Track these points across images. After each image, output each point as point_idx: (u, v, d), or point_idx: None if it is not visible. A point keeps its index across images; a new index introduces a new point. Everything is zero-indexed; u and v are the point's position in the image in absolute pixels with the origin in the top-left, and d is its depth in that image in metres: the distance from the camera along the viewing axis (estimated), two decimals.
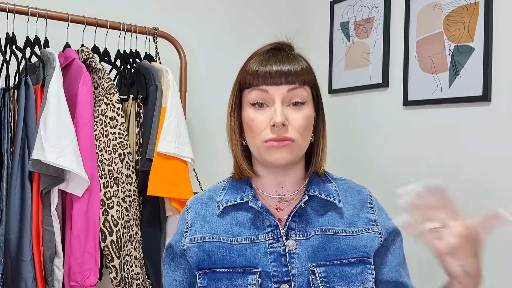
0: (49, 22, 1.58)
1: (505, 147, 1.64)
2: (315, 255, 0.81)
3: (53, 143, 1.35)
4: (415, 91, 1.93)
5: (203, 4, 2.21)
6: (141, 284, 1.59)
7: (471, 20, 1.73)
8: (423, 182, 0.75)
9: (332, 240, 0.82)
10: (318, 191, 0.86)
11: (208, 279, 0.81)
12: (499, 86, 1.65)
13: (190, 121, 2.08)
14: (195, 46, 2.15)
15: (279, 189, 0.87)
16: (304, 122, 0.81)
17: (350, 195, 0.89)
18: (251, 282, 0.79)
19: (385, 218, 0.90)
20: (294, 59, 0.85)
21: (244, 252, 0.81)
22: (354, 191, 0.90)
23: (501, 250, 1.64)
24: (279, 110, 0.79)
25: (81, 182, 1.43)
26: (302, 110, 0.82)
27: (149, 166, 1.58)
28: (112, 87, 1.54)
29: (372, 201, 0.90)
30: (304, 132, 0.82)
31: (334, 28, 2.36)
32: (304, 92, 0.82)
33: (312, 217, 0.84)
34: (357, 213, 0.87)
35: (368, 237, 0.84)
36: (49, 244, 1.43)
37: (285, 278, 0.79)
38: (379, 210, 0.90)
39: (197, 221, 0.88)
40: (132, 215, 1.58)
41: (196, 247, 0.84)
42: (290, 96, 0.81)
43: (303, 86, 0.82)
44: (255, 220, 0.84)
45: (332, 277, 0.79)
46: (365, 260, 0.82)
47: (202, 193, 0.95)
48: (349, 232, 0.84)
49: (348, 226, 0.84)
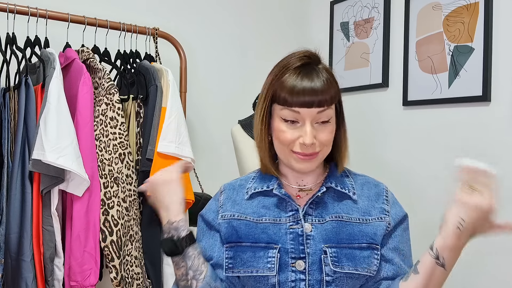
0: (49, 22, 1.58)
1: (505, 147, 1.64)
2: (328, 238, 0.92)
3: (53, 143, 1.35)
4: (415, 91, 1.93)
5: (203, 4, 2.21)
6: (141, 284, 1.59)
7: (471, 20, 1.73)
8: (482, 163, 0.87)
9: (346, 226, 0.93)
10: (334, 183, 0.97)
11: (234, 251, 0.94)
12: (499, 86, 1.65)
13: (190, 121, 2.08)
14: (195, 46, 2.15)
15: (300, 181, 0.99)
16: (329, 136, 0.92)
17: (367, 189, 0.99)
18: (271, 255, 0.91)
19: (397, 210, 0.99)
20: (323, 76, 0.91)
21: (267, 230, 0.94)
22: (371, 185, 1.00)
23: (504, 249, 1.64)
24: (309, 132, 0.89)
25: (81, 182, 1.43)
26: (328, 127, 0.92)
27: (149, 166, 1.58)
28: (112, 87, 1.54)
29: (387, 195, 0.99)
30: (328, 144, 0.93)
31: (334, 28, 2.36)
32: (331, 112, 0.92)
33: (328, 205, 0.95)
34: (372, 204, 0.96)
35: (379, 226, 0.94)
36: (49, 244, 1.43)
37: (301, 255, 0.91)
38: (393, 203, 0.99)
39: (228, 202, 1.01)
40: (132, 215, 1.58)
41: (226, 223, 0.97)
42: (319, 116, 0.90)
43: (331, 106, 0.91)
44: (278, 204, 0.96)
45: (342, 258, 0.90)
46: (373, 246, 0.92)
47: (235, 181, 1.07)
48: (363, 220, 0.94)
49: (362, 215, 0.94)
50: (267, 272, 0.90)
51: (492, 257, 1.67)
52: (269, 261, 0.91)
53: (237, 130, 1.84)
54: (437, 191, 1.85)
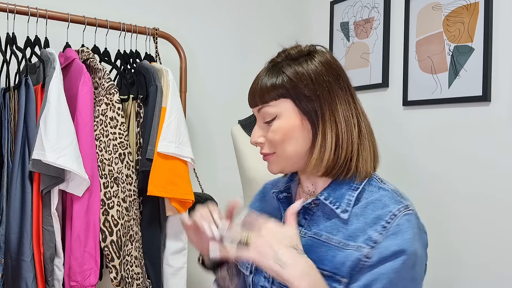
0: (49, 22, 1.58)
1: (504, 147, 1.64)
2: None
3: (53, 143, 1.35)
4: (415, 91, 1.93)
5: (203, 4, 2.21)
6: (141, 284, 1.59)
7: (470, 20, 1.73)
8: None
9: (320, 247, 0.82)
10: (326, 196, 0.86)
11: None
12: (499, 86, 1.65)
13: (190, 121, 2.08)
14: (195, 46, 2.15)
15: (310, 186, 0.92)
16: (274, 136, 0.85)
17: (371, 208, 0.82)
18: None
19: (393, 244, 0.77)
20: (274, 73, 0.86)
21: None
22: (380, 204, 0.81)
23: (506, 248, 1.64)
24: (253, 132, 0.89)
25: (81, 182, 1.43)
26: (272, 125, 0.86)
27: (149, 166, 1.58)
28: (112, 87, 1.54)
29: (390, 221, 0.79)
30: (280, 143, 0.85)
31: (334, 28, 2.36)
32: (270, 109, 0.85)
33: (319, 220, 0.86)
34: (364, 228, 0.80)
35: (351, 256, 0.78)
36: (49, 244, 1.43)
37: None
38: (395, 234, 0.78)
39: (257, 199, 1.05)
40: (132, 215, 1.58)
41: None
42: (262, 115, 0.88)
43: (267, 104, 0.86)
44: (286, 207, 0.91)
45: None
46: (335, 278, 0.79)
47: (278, 177, 1.05)
48: (343, 245, 0.80)
49: (346, 238, 0.80)
50: (245, 271, 0.93)
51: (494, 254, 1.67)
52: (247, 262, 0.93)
53: (237, 130, 1.84)
54: (438, 191, 1.85)
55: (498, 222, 1.66)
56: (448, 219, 1.81)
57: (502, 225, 1.64)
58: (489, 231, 1.68)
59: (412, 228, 0.79)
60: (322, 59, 0.86)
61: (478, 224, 1.71)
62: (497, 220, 1.66)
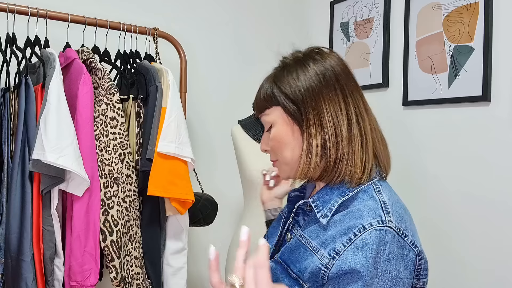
0: (49, 22, 1.58)
1: (505, 147, 1.64)
2: (283, 252, 0.87)
3: (53, 143, 1.35)
4: (415, 91, 1.93)
5: (203, 5, 2.21)
6: (141, 284, 1.59)
7: (471, 20, 1.73)
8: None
9: (300, 248, 0.82)
10: (313, 200, 0.85)
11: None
12: (499, 86, 1.66)
13: (190, 121, 2.08)
14: (195, 46, 2.15)
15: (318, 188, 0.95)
16: (272, 143, 0.88)
17: (349, 217, 0.78)
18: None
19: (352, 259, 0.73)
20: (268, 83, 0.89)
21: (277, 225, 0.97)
22: (357, 215, 0.77)
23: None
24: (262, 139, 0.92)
25: (81, 182, 1.43)
26: (270, 133, 0.88)
27: (149, 166, 1.58)
28: (112, 87, 1.54)
29: (358, 234, 0.74)
30: (278, 150, 0.87)
31: (334, 28, 2.36)
32: (267, 118, 0.88)
33: (312, 221, 0.85)
34: (335, 237, 0.77)
35: (313, 263, 0.77)
36: (50, 244, 1.43)
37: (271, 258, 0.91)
38: (358, 248, 0.73)
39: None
40: (132, 215, 1.58)
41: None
42: (264, 124, 0.91)
43: (263, 113, 0.89)
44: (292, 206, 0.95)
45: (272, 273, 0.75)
46: (299, 282, 0.79)
47: None
48: (316, 250, 0.79)
49: (320, 244, 0.79)
50: None
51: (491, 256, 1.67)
52: None
53: (237, 130, 1.84)
54: (437, 191, 1.85)
55: (498, 222, 1.66)
56: (448, 219, 1.81)
57: (502, 226, 1.64)
58: (489, 231, 1.68)
59: (379, 247, 0.73)
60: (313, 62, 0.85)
61: (478, 224, 1.71)
62: (497, 220, 1.66)
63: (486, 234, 1.68)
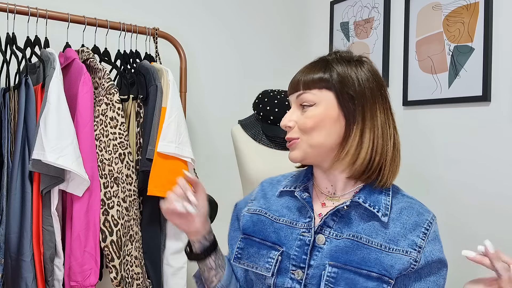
0: (49, 22, 1.58)
1: (505, 147, 1.64)
2: (337, 256, 0.85)
3: (53, 143, 1.35)
4: (415, 91, 1.93)
5: (203, 5, 2.21)
6: (141, 284, 1.59)
7: (470, 20, 1.73)
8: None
9: (361, 248, 0.84)
10: (363, 199, 0.88)
11: (245, 243, 0.96)
12: (499, 86, 1.66)
13: (190, 121, 2.08)
14: (195, 46, 2.15)
15: (330, 187, 0.93)
16: (306, 121, 0.87)
17: (406, 214, 0.88)
18: (272, 256, 0.90)
19: (434, 249, 0.86)
20: (321, 68, 0.89)
21: (280, 231, 0.92)
22: (413, 211, 0.89)
23: None
24: (287, 114, 0.90)
25: (81, 182, 1.43)
26: (308, 111, 0.88)
27: (149, 166, 1.58)
28: (112, 87, 1.54)
29: (429, 228, 0.87)
30: (309, 131, 0.87)
31: (334, 28, 2.36)
32: (311, 96, 0.88)
33: (353, 222, 0.87)
34: (405, 234, 0.85)
35: (400, 259, 0.83)
36: (49, 244, 1.43)
37: (301, 265, 0.87)
38: (433, 240, 0.87)
39: (259, 197, 1.02)
40: (132, 215, 1.58)
41: (248, 216, 0.99)
42: (299, 101, 0.90)
43: (309, 91, 0.88)
44: (301, 208, 0.93)
45: (340, 281, 0.82)
46: (384, 279, 0.82)
47: (277, 176, 1.05)
48: (385, 248, 0.84)
49: (387, 242, 0.85)
50: (264, 272, 0.89)
51: None
52: (268, 261, 0.89)
53: (237, 130, 1.84)
54: (437, 191, 1.85)
55: (498, 222, 1.66)
56: (448, 219, 1.81)
57: (502, 225, 1.64)
58: (490, 230, 1.68)
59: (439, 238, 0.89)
60: (370, 68, 0.91)
61: (477, 224, 1.71)
62: (497, 220, 1.66)
63: (487, 233, 1.68)
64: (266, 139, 1.74)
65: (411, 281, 0.85)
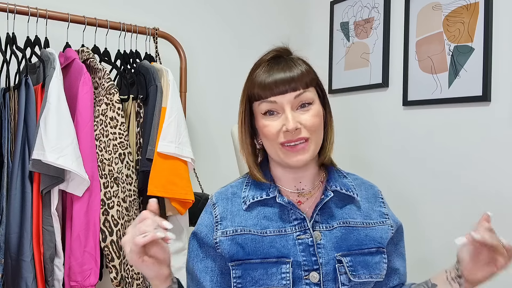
0: (49, 22, 1.58)
1: (505, 147, 1.64)
2: (339, 245, 0.88)
3: (53, 143, 1.35)
4: (415, 91, 1.93)
5: (203, 4, 2.21)
6: (141, 284, 1.59)
7: (470, 20, 1.73)
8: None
9: (352, 231, 0.90)
10: (339, 187, 0.93)
11: (242, 270, 0.87)
12: (499, 86, 1.66)
13: (190, 121, 2.08)
14: (195, 46, 2.15)
15: (297, 184, 0.93)
16: (314, 120, 0.88)
17: (364, 189, 0.97)
18: (284, 271, 0.86)
19: (393, 215, 0.98)
20: (294, 64, 0.90)
21: (275, 244, 0.88)
22: (366, 185, 0.98)
23: None
24: (290, 117, 0.86)
25: (81, 182, 1.43)
26: (311, 110, 0.88)
27: (149, 166, 1.58)
28: (112, 87, 1.54)
29: (382, 196, 0.98)
30: (317, 130, 0.88)
31: (334, 28, 2.36)
32: (310, 94, 0.88)
33: (333, 210, 0.91)
34: (371, 207, 0.95)
35: (383, 229, 0.93)
36: (49, 244, 1.43)
37: (314, 267, 0.87)
38: (388, 207, 0.98)
39: (226, 215, 0.92)
40: (132, 215, 1.58)
41: (229, 240, 0.89)
42: (298, 101, 0.87)
43: (307, 89, 0.88)
44: (281, 214, 0.90)
45: (357, 266, 0.87)
46: (381, 250, 0.91)
47: (225, 189, 0.98)
48: (366, 224, 0.92)
49: (364, 218, 0.93)
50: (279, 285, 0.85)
51: None
52: (283, 277, 0.85)
53: (237, 130, 1.84)
54: (437, 191, 1.85)
55: (498, 222, 1.65)
56: (447, 219, 1.81)
57: (502, 224, 1.64)
58: None
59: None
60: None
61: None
62: (497, 219, 1.66)
63: None
64: None
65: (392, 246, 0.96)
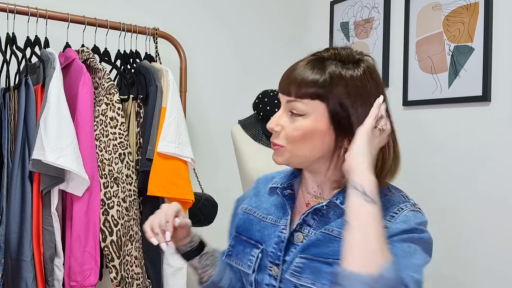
0: (49, 22, 1.58)
1: (504, 147, 1.64)
2: (308, 249, 0.85)
3: (53, 143, 1.35)
4: (415, 91, 1.93)
5: (203, 5, 2.21)
6: (141, 284, 1.59)
7: (470, 20, 1.73)
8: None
9: (333, 241, 0.83)
10: (340, 200, 0.85)
11: (235, 241, 0.97)
12: (499, 86, 1.66)
13: (190, 121, 2.08)
14: (195, 46, 2.15)
15: (316, 187, 0.91)
16: (294, 133, 0.82)
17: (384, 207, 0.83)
18: (253, 254, 0.91)
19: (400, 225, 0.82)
20: (316, 70, 0.82)
21: (264, 230, 0.92)
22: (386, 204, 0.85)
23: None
24: (275, 117, 0.85)
25: (81, 182, 1.43)
26: (296, 121, 0.82)
27: (149, 166, 1.58)
28: (112, 87, 1.54)
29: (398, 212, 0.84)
30: (296, 142, 0.83)
31: (334, 28, 2.36)
32: (302, 106, 0.81)
33: (331, 221, 0.86)
34: None
35: None
36: (49, 244, 1.43)
37: (277, 261, 0.88)
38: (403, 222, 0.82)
39: (252, 194, 1.02)
40: (132, 215, 1.58)
41: (241, 215, 1.00)
42: (290, 106, 0.83)
43: (300, 100, 0.81)
44: (284, 205, 0.93)
45: (305, 270, 0.82)
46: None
47: (272, 173, 1.03)
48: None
49: None
50: (246, 269, 0.91)
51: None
52: (250, 259, 0.92)
53: (237, 130, 1.84)
54: (437, 191, 1.85)
55: (497, 221, 1.66)
56: (447, 218, 1.81)
57: (501, 224, 1.64)
58: (489, 230, 1.68)
59: (419, 219, 0.84)
60: (367, 68, 0.85)
61: (477, 223, 1.71)
62: (496, 219, 1.66)
63: (486, 233, 1.68)
64: (266, 139, 1.74)
65: None
